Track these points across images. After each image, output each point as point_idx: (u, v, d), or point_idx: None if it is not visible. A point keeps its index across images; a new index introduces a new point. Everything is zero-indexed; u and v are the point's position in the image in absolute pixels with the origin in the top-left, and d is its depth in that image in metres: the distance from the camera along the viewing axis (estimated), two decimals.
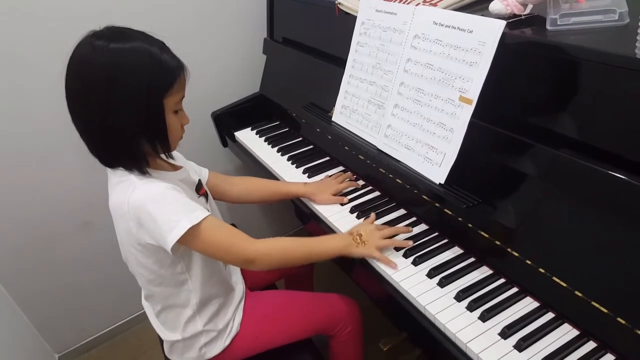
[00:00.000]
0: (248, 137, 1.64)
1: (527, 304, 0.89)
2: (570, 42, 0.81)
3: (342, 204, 1.21)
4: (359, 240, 1.02)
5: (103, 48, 0.81)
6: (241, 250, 0.93)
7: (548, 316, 0.86)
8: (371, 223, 1.09)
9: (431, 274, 0.97)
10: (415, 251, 1.02)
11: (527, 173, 0.89)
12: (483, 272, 0.96)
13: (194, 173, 1.08)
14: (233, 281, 1.13)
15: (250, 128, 1.68)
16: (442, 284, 0.94)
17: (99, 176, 0.97)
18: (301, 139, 1.56)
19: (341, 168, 1.38)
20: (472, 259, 0.99)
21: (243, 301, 1.14)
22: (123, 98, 0.82)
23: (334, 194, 1.22)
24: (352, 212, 1.18)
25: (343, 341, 1.20)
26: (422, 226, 1.10)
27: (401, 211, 1.17)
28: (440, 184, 0.99)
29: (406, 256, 1.02)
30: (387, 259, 1.00)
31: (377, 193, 1.24)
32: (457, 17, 0.95)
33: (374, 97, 1.17)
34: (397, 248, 1.04)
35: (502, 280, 0.94)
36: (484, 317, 0.86)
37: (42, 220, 1.56)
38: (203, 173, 1.17)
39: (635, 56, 0.71)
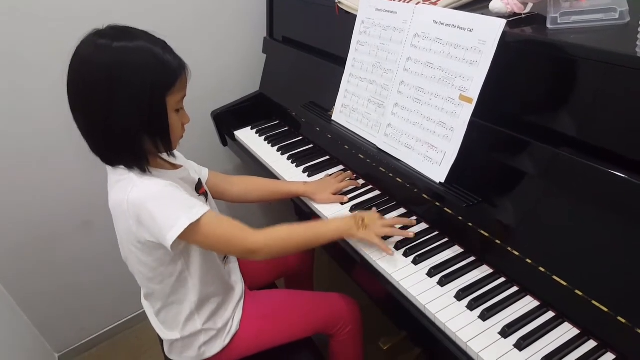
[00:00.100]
0: (248, 136, 1.64)
1: (527, 303, 0.89)
2: (570, 41, 0.81)
3: (342, 203, 1.21)
4: (361, 223, 1.03)
5: (106, 47, 0.81)
6: (242, 242, 0.94)
7: (548, 315, 0.86)
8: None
9: (431, 273, 0.97)
10: (415, 250, 1.02)
11: (528, 172, 0.88)
12: (483, 271, 0.96)
13: (194, 172, 1.08)
14: (232, 280, 1.13)
15: (250, 127, 1.68)
16: (442, 283, 0.94)
17: (99, 176, 0.97)
18: (301, 138, 1.56)
19: (341, 167, 1.38)
20: (472, 258, 0.99)
21: (242, 300, 1.14)
22: (126, 97, 0.82)
23: (334, 193, 1.22)
24: (352, 211, 1.18)
25: (343, 340, 1.20)
26: (422, 225, 1.10)
27: (401, 210, 1.17)
28: (440, 183, 0.99)
29: (406, 255, 1.02)
30: (385, 246, 1.01)
31: (377, 192, 1.24)
32: (458, 16, 0.95)
33: (374, 96, 1.17)
34: (398, 246, 1.04)
35: (502, 279, 0.94)
36: (484, 316, 0.86)
37: (42, 219, 1.56)
38: (203, 172, 1.17)
39: (635, 55, 0.71)
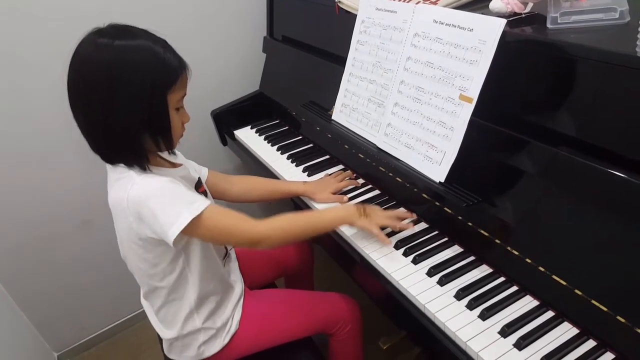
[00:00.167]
0: (248, 136, 1.64)
1: (527, 303, 0.89)
2: (570, 41, 0.81)
3: (342, 203, 1.21)
4: (363, 212, 1.04)
5: (107, 45, 0.81)
6: (245, 232, 0.95)
7: (548, 315, 0.86)
8: None
9: (431, 273, 0.97)
10: (415, 249, 1.02)
11: (528, 171, 0.89)
12: (483, 271, 0.96)
13: (194, 171, 1.09)
14: (232, 279, 1.13)
15: (250, 126, 1.68)
16: (442, 283, 0.94)
17: (99, 175, 0.97)
18: (301, 138, 1.55)
19: (341, 167, 1.38)
20: (472, 258, 0.99)
21: (242, 300, 1.14)
22: (127, 95, 0.82)
23: (334, 193, 1.22)
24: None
25: (343, 340, 1.20)
26: (422, 224, 1.10)
27: (401, 210, 1.17)
28: (440, 183, 0.99)
29: (406, 254, 1.02)
30: (384, 236, 1.02)
31: (377, 191, 1.24)
32: (458, 16, 0.95)
33: (374, 96, 1.17)
34: (398, 246, 1.04)
35: (502, 278, 0.94)
36: (484, 316, 0.86)
37: (42, 219, 1.56)
38: (202, 172, 1.17)
39: (635, 54, 0.71)
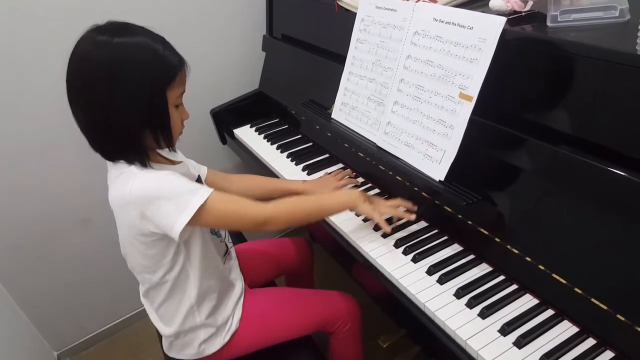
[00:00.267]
0: (247, 135, 1.63)
1: (527, 301, 0.89)
2: (570, 39, 0.81)
3: None
4: (366, 198, 1.06)
5: (106, 43, 0.81)
6: (251, 214, 0.95)
7: (548, 313, 0.86)
8: None
9: (431, 271, 0.97)
10: (414, 248, 1.02)
11: (527, 170, 0.89)
12: (483, 269, 0.96)
13: (194, 169, 1.09)
14: (232, 277, 1.13)
15: (249, 125, 1.68)
16: (442, 281, 0.94)
17: (98, 173, 0.97)
18: (300, 136, 1.55)
19: (341, 165, 1.38)
20: (472, 256, 1.00)
21: (242, 298, 1.13)
22: (126, 92, 0.82)
23: None
24: (351, 210, 1.17)
25: (343, 338, 1.20)
26: (422, 223, 1.10)
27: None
28: (440, 181, 0.99)
29: (405, 253, 1.02)
30: (385, 223, 1.04)
31: (377, 190, 1.24)
32: (458, 14, 0.94)
33: (374, 94, 1.16)
34: (397, 244, 1.04)
35: (502, 277, 0.94)
36: (484, 314, 0.86)
37: (41, 217, 1.56)
38: (202, 170, 1.17)
39: (635, 53, 0.71)
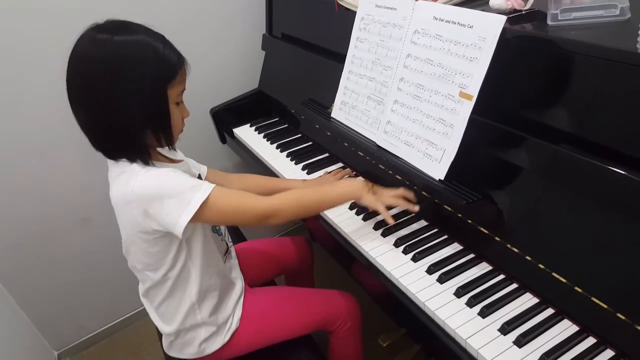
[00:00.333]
0: (247, 134, 1.63)
1: (527, 300, 0.89)
2: (571, 38, 0.81)
3: None
4: (370, 188, 1.06)
5: (106, 41, 0.81)
6: (255, 208, 0.95)
7: (548, 312, 0.86)
8: None
9: (431, 270, 0.96)
10: (414, 247, 1.02)
11: (528, 169, 0.88)
12: (483, 268, 0.96)
13: (194, 168, 1.09)
14: (232, 276, 1.13)
15: (249, 124, 1.68)
16: (442, 280, 0.94)
17: (98, 173, 0.97)
18: (300, 136, 1.55)
19: (340, 164, 1.38)
20: (472, 255, 0.99)
21: (242, 297, 1.13)
22: (127, 90, 0.82)
23: None
24: (352, 209, 1.17)
25: (342, 337, 1.20)
26: (422, 222, 1.10)
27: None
28: (440, 180, 0.99)
29: (406, 252, 1.02)
30: (388, 215, 1.05)
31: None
32: (458, 12, 0.94)
33: (374, 93, 1.16)
34: (397, 243, 1.04)
35: (502, 276, 0.94)
36: (484, 313, 0.86)
37: (41, 217, 1.55)
38: (202, 170, 1.17)
39: (636, 51, 0.71)
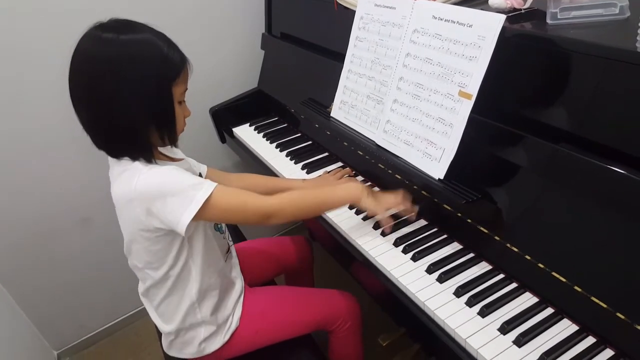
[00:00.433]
0: (246, 133, 1.63)
1: (527, 300, 0.89)
2: (570, 36, 0.81)
3: None
4: (370, 193, 1.06)
5: (112, 40, 0.81)
6: (256, 207, 0.95)
7: (547, 311, 0.86)
8: None
9: (430, 270, 0.96)
10: (414, 247, 1.02)
11: (527, 168, 0.88)
12: (482, 268, 0.96)
13: (195, 167, 1.09)
14: (232, 276, 1.13)
15: (248, 124, 1.68)
16: (442, 280, 0.94)
17: (98, 173, 0.97)
18: (300, 135, 1.55)
19: (340, 164, 1.37)
20: (472, 255, 0.99)
21: (242, 297, 1.13)
22: (133, 89, 0.82)
23: None
24: (351, 208, 1.17)
25: (342, 337, 1.20)
26: (422, 221, 1.10)
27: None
28: (439, 180, 0.99)
29: (405, 252, 1.02)
30: (387, 219, 1.05)
31: (376, 189, 1.24)
32: (457, 12, 0.94)
33: (373, 92, 1.16)
34: (397, 243, 1.04)
35: (502, 275, 0.94)
36: (483, 313, 0.86)
37: (41, 216, 1.55)
38: (202, 169, 1.17)
39: (635, 50, 0.71)
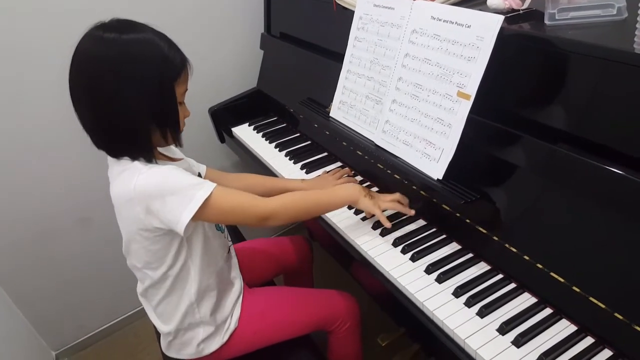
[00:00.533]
0: (245, 133, 1.63)
1: (525, 300, 0.89)
2: (568, 37, 0.81)
3: None
4: (367, 193, 1.07)
5: (114, 40, 0.81)
6: (255, 208, 0.96)
7: (546, 312, 0.86)
8: None
9: (429, 270, 0.97)
10: (413, 247, 1.02)
11: (526, 168, 0.88)
12: (481, 268, 0.96)
13: (194, 167, 1.09)
14: (232, 276, 1.13)
15: (247, 124, 1.68)
16: (440, 280, 0.94)
17: (98, 172, 0.97)
18: (299, 135, 1.55)
19: (339, 164, 1.38)
20: (470, 255, 0.99)
21: (241, 297, 1.13)
22: (136, 89, 0.82)
23: None
24: (350, 209, 1.17)
25: (342, 337, 1.20)
26: (420, 222, 1.10)
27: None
28: (438, 180, 0.99)
29: (404, 252, 1.02)
30: (385, 218, 1.06)
31: (375, 189, 1.24)
32: (455, 12, 0.94)
33: (372, 93, 1.16)
34: (396, 243, 1.04)
35: (500, 276, 0.94)
36: (482, 313, 0.86)
37: (40, 216, 1.55)
38: (201, 169, 1.17)
39: (633, 51, 0.71)
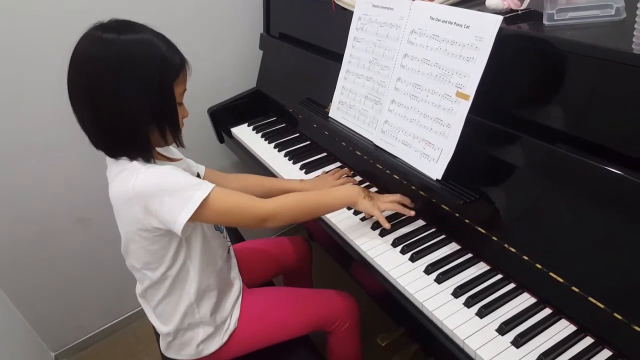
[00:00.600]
0: (245, 133, 1.63)
1: (524, 300, 0.89)
2: (567, 37, 0.81)
3: None
4: (366, 194, 1.07)
5: (113, 40, 0.81)
6: (253, 210, 0.95)
7: (545, 312, 0.86)
8: None
9: (428, 270, 0.97)
10: (412, 247, 1.02)
11: (524, 168, 0.88)
12: (480, 268, 0.96)
13: (193, 167, 1.09)
14: (231, 276, 1.13)
15: (247, 124, 1.68)
16: (440, 280, 0.94)
17: (98, 172, 0.97)
18: (298, 135, 1.55)
19: (338, 164, 1.38)
20: (470, 255, 1.00)
21: (240, 298, 1.13)
22: (135, 89, 0.82)
23: None
24: (349, 209, 1.17)
25: (341, 337, 1.20)
26: (419, 222, 1.10)
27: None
28: (437, 180, 0.99)
29: (403, 252, 1.02)
30: (384, 219, 1.05)
31: (375, 188, 1.24)
32: (454, 13, 0.94)
33: (371, 93, 1.16)
34: (395, 243, 1.04)
35: (499, 276, 0.94)
36: (481, 314, 0.86)
37: (40, 215, 1.55)
38: (200, 169, 1.17)
39: (632, 51, 0.71)
